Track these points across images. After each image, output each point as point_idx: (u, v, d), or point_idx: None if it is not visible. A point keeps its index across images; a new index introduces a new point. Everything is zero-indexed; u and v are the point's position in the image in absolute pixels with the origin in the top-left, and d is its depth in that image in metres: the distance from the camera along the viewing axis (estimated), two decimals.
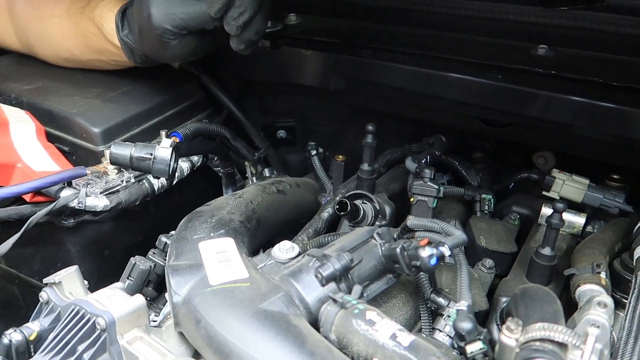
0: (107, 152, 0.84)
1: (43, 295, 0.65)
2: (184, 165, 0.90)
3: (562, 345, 0.52)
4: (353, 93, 0.79)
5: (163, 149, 0.76)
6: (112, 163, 0.78)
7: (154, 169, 0.76)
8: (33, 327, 0.63)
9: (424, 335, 0.67)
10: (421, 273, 0.67)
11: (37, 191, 0.76)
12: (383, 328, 0.54)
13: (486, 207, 0.92)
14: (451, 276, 0.74)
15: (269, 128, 1.17)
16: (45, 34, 0.96)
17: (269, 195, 0.84)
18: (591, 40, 0.82)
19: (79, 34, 0.92)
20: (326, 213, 0.88)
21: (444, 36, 0.93)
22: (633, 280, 0.61)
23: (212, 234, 0.67)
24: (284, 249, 0.67)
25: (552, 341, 0.52)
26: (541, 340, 0.52)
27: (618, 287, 0.68)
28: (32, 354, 0.62)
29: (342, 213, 0.83)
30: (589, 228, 0.86)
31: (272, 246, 0.68)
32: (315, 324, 0.59)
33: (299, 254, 0.67)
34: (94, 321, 0.58)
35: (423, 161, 0.97)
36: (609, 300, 0.59)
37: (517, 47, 0.85)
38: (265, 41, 1.00)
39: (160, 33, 0.75)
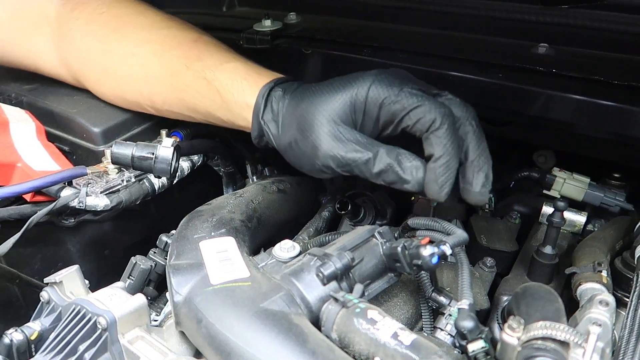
0: (107, 152, 0.84)
1: (44, 294, 0.65)
2: (185, 164, 0.90)
3: (564, 344, 0.52)
4: None
5: (165, 148, 0.76)
6: (113, 163, 0.78)
7: (155, 168, 0.76)
8: (34, 327, 0.63)
9: (425, 334, 0.67)
10: (422, 272, 0.67)
11: (37, 191, 0.76)
12: (384, 327, 0.54)
13: (487, 206, 0.92)
14: (452, 275, 0.74)
15: None
16: (114, 71, 0.86)
17: (269, 194, 0.84)
18: (592, 38, 0.82)
19: (176, 87, 0.80)
20: (327, 212, 0.88)
21: (444, 34, 0.92)
22: (634, 279, 0.61)
23: (212, 233, 0.67)
24: (285, 248, 0.67)
25: (553, 340, 0.52)
26: (543, 338, 0.52)
27: (619, 285, 0.68)
28: (33, 353, 0.62)
29: (342, 212, 0.83)
30: (589, 227, 0.86)
31: (273, 245, 0.68)
32: (316, 323, 0.59)
33: (300, 253, 0.66)
34: (95, 320, 0.58)
35: None
36: (610, 299, 0.59)
37: (517, 46, 0.85)
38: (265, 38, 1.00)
39: (321, 166, 0.68)
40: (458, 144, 0.63)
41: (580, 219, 0.85)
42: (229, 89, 0.75)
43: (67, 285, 0.65)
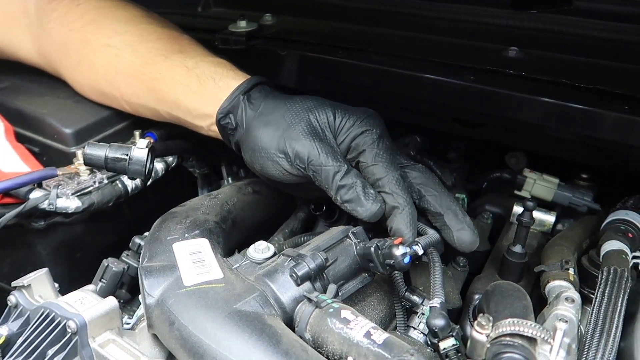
0: (79, 153, 0.82)
1: (11, 298, 0.63)
2: (159, 165, 0.89)
3: (532, 340, 0.54)
4: (329, 93, 0.80)
5: (139, 149, 0.75)
6: (86, 164, 0.77)
7: (129, 170, 0.75)
8: (1, 332, 0.61)
9: (399, 333, 0.68)
10: (395, 272, 0.68)
11: (5, 192, 0.74)
12: (357, 326, 0.54)
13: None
14: (425, 274, 0.75)
15: None
16: (90, 61, 0.86)
17: (244, 195, 0.83)
18: (560, 42, 0.85)
19: (148, 77, 0.80)
20: (302, 213, 0.88)
21: (417, 37, 0.94)
22: (599, 276, 0.63)
23: (186, 235, 0.67)
24: (260, 249, 0.67)
25: (521, 336, 0.53)
26: (511, 335, 0.53)
27: (586, 282, 0.69)
28: (1, 359, 0.61)
29: (317, 213, 0.83)
30: (559, 226, 0.89)
31: (248, 246, 0.68)
32: (290, 323, 0.59)
33: (275, 254, 0.67)
34: (65, 324, 0.57)
35: None
36: (576, 296, 0.61)
37: (488, 49, 0.86)
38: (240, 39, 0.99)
39: (285, 153, 0.69)
40: (392, 160, 0.70)
41: (549, 218, 0.87)
42: (212, 75, 0.77)
43: (35, 289, 0.64)
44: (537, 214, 0.86)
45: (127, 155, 0.74)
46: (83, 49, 0.86)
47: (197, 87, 0.77)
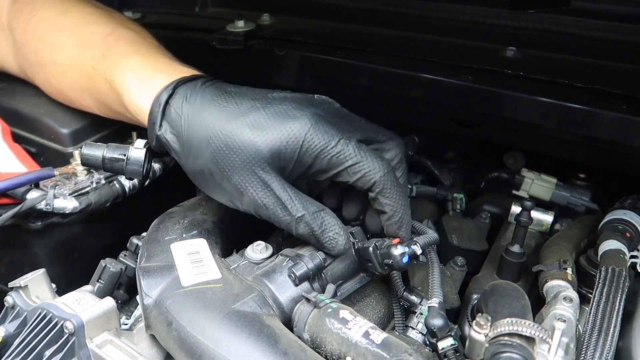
0: (76, 154, 0.82)
1: (8, 299, 0.63)
2: (156, 165, 0.89)
3: (530, 340, 0.54)
4: (327, 93, 0.79)
5: (137, 149, 0.74)
6: (83, 164, 0.76)
7: (127, 170, 0.74)
8: None
9: (397, 333, 0.68)
10: (394, 271, 0.68)
11: (2, 193, 0.74)
12: (356, 326, 0.54)
13: (458, 206, 0.93)
14: (424, 274, 0.75)
15: None
16: (49, 82, 0.83)
17: None
18: (558, 42, 0.85)
19: (92, 92, 0.76)
20: None
21: (416, 37, 0.94)
22: (597, 276, 0.63)
23: (184, 235, 0.67)
24: (258, 249, 0.66)
25: (520, 335, 0.53)
26: (509, 334, 0.53)
27: (584, 282, 0.69)
28: None
29: None
30: (557, 226, 0.89)
31: (246, 247, 0.68)
32: (288, 323, 0.59)
33: (273, 254, 0.66)
34: (62, 325, 0.57)
35: None
36: (574, 295, 0.61)
37: (486, 49, 0.86)
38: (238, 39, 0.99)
39: (242, 209, 0.64)
40: (405, 194, 0.63)
41: (547, 218, 0.88)
42: (123, 90, 0.68)
43: (32, 290, 0.64)
44: (535, 214, 0.86)
45: (124, 155, 0.74)
46: (41, 71, 0.83)
47: (124, 104, 0.69)
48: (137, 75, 0.67)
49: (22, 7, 0.85)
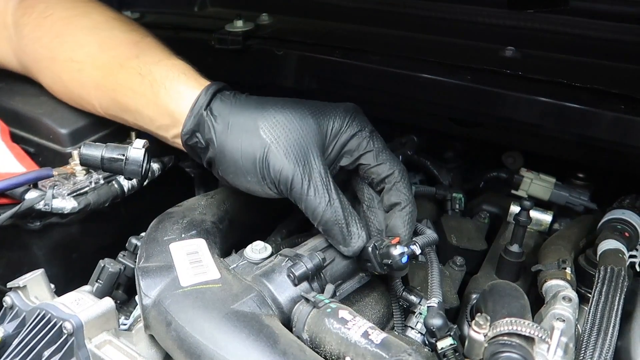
0: (74, 154, 0.82)
1: (7, 299, 0.63)
2: (155, 165, 0.89)
3: (529, 339, 0.54)
4: (325, 93, 0.80)
5: (135, 149, 0.74)
6: (82, 164, 0.76)
7: (126, 170, 0.74)
8: None
9: (396, 333, 0.68)
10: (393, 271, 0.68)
11: (1, 193, 0.74)
12: (355, 326, 0.54)
13: (457, 206, 0.93)
14: (423, 274, 0.75)
15: None
16: (59, 78, 0.84)
17: (241, 195, 0.83)
18: (556, 42, 0.85)
19: (109, 88, 0.77)
20: (300, 213, 0.88)
21: (414, 37, 0.94)
22: (596, 275, 0.63)
23: (183, 235, 0.67)
24: (257, 249, 0.66)
25: (519, 335, 0.53)
26: (508, 334, 0.53)
27: (583, 282, 0.69)
28: None
29: None
30: (555, 225, 0.89)
31: (245, 247, 0.68)
32: (288, 323, 0.59)
33: (272, 254, 0.66)
34: (61, 325, 0.57)
35: None
36: (573, 295, 0.61)
37: (485, 49, 0.87)
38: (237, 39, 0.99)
39: (264, 180, 0.65)
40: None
41: (546, 218, 0.88)
42: (163, 81, 0.71)
43: (31, 290, 0.64)
44: (534, 214, 0.86)
45: (123, 155, 0.74)
46: (52, 66, 0.84)
47: (152, 96, 0.72)
48: (182, 71, 0.72)
49: (34, 5, 0.86)
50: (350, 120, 0.67)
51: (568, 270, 0.67)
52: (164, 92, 0.71)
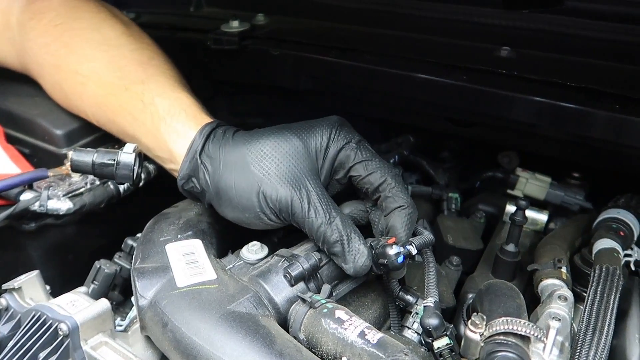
0: (70, 154, 0.82)
1: (2, 301, 0.63)
2: (151, 166, 0.89)
3: (525, 339, 0.54)
4: (321, 93, 0.80)
5: (126, 154, 0.73)
6: (73, 170, 0.75)
7: (117, 175, 0.73)
8: None
9: (393, 333, 0.68)
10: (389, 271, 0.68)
11: None
12: (351, 326, 0.54)
13: (453, 206, 0.94)
14: (419, 274, 0.75)
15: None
16: (60, 87, 0.84)
17: None
18: (551, 42, 0.85)
19: (110, 108, 0.78)
20: None
21: (410, 37, 0.94)
22: (592, 275, 0.63)
23: (179, 236, 0.67)
24: (253, 250, 0.66)
25: (515, 334, 0.53)
26: (504, 334, 0.53)
27: (578, 281, 0.70)
28: None
29: None
30: (551, 225, 0.89)
31: (241, 247, 0.68)
32: (284, 324, 0.59)
33: (268, 255, 0.66)
34: (56, 327, 0.57)
35: (392, 161, 0.99)
36: (569, 294, 0.61)
37: (480, 49, 0.87)
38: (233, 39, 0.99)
39: (262, 212, 0.64)
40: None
41: (542, 217, 0.88)
42: (164, 116, 0.72)
43: (26, 291, 0.64)
44: (529, 213, 0.86)
45: (114, 160, 0.73)
46: (55, 74, 0.84)
47: (151, 127, 0.73)
48: (184, 107, 0.72)
49: (44, 11, 0.85)
50: (335, 134, 0.67)
51: (564, 270, 0.67)
52: (164, 127, 0.71)
